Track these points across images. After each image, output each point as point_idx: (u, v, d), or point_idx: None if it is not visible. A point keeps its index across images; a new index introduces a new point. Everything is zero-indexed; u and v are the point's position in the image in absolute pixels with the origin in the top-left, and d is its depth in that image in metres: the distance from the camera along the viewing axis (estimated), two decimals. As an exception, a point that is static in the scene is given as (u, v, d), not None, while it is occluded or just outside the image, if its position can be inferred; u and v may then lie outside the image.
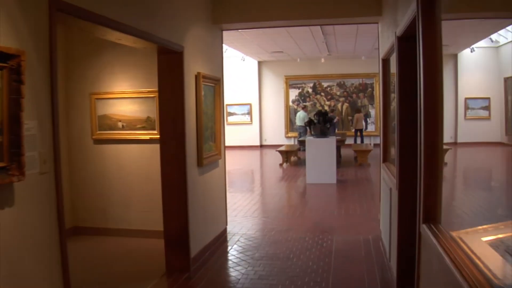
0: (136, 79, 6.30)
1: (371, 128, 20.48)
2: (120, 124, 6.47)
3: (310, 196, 9.52)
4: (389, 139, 5.64)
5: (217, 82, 5.96)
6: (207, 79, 5.54)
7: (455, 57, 19.70)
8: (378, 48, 6.05)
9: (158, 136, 5.17)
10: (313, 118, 11.66)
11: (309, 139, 10.90)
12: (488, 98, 18.09)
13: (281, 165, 14.37)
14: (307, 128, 18.78)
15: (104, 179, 6.53)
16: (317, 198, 9.13)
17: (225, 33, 6.75)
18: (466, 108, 19.40)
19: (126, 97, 6.38)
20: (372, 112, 20.81)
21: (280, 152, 14.48)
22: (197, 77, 5.25)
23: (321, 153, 10.67)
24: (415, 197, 4.10)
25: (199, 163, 5.33)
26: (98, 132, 6.52)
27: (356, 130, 19.63)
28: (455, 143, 19.21)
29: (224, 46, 17.61)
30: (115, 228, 6.49)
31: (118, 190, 6.47)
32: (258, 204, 8.68)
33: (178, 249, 5.13)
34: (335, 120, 19.68)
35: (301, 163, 15.04)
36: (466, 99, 19.42)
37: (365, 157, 13.88)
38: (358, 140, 19.63)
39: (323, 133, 10.96)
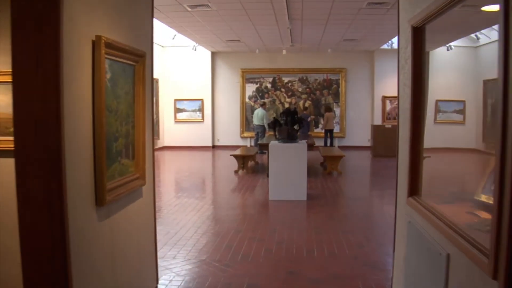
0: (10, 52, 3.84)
1: (335, 128, 18.53)
2: (-13, 124, 4.00)
3: (276, 221, 7.29)
4: (420, 157, 3.48)
5: (139, 59, 3.60)
6: (118, 52, 3.18)
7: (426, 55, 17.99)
8: (398, 13, 3.85)
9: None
10: (278, 118, 9.44)
11: (273, 144, 8.67)
12: (463, 101, 16.50)
13: (236, 172, 12.10)
14: (267, 128, 16.61)
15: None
16: (286, 225, 6.91)
17: (173, 14, 4.46)
18: (437, 111, 17.73)
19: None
20: (337, 111, 18.91)
21: (236, 157, 12.20)
22: (95, 44, 2.89)
23: (288, 162, 8.48)
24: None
25: (100, 199, 2.97)
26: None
27: (326, 131, 17.65)
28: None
29: (173, 32, 15.25)
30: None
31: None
32: (208, 235, 6.37)
33: None
34: (309, 119, 17.62)
35: (259, 169, 12.86)
36: (437, 101, 17.75)
37: (336, 164, 11.81)
38: (329, 142, 17.74)
39: (291, 137, 8.75)
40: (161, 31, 16.81)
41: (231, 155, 12.43)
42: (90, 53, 2.87)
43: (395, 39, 16.70)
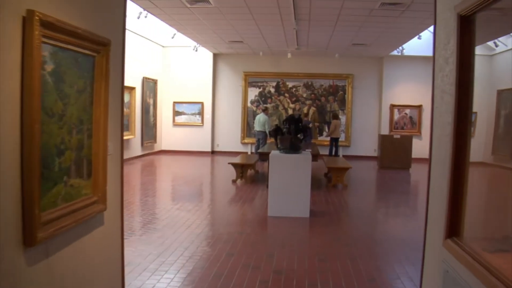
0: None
1: (340, 137, 17.71)
2: None
3: (274, 243, 6.41)
4: (465, 185, 2.66)
5: (102, 49, 2.79)
6: (67, 36, 2.37)
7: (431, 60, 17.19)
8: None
9: None
10: (280, 125, 8.62)
11: (274, 154, 7.85)
12: (475, 113, 15.65)
13: (234, 181, 11.29)
14: (268, 135, 15.71)
15: None
16: (286, 248, 6.05)
17: (171, 10, 3.84)
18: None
19: None
20: (343, 118, 18.09)
21: (234, 165, 11.38)
22: (26, 22, 2.08)
23: (290, 174, 7.66)
24: None
25: (28, 237, 2.16)
26: None
27: (332, 139, 16.84)
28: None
29: (172, 30, 14.46)
30: None
31: None
32: (195, 259, 5.53)
33: None
34: (310, 125, 16.77)
35: (259, 178, 12.06)
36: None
37: (342, 176, 10.97)
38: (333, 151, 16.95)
39: (294, 147, 7.92)
40: (161, 30, 16.07)
41: (229, 163, 11.61)
42: (19, 34, 2.07)
43: (406, 45, 15.89)
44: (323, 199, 9.44)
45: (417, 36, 14.14)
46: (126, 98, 14.77)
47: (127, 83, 14.71)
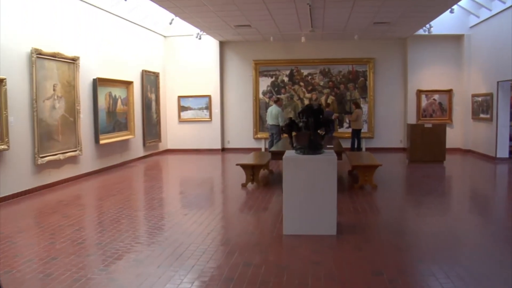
0: None
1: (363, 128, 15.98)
2: None
3: (292, 281, 4.59)
4: None
5: None
6: None
7: (460, 38, 15.36)
8: None
9: None
10: (295, 118, 6.94)
11: (289, 157, 6.18)
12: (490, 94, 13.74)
13: (244, 185, 9.69)
14: (281, 130, 13.91)
15: None
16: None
17: None
18: (473, 108, 15.12)
19: None
20: (365, 107, 16.38)
21: (243, 167, 9.76)
22: None
23: (310, 181, 6.01)
24: None
25: None
26: None
27: (354, 131, 15.14)
28: (466, 150, 14.90)
29: (170, 15, 12.83)
30: None
31: None
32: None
33: None
34: (333, 117, 15.06)
35: (274, 179, 10.48)
36: (473, 96, 15.14)
37: (370, 176, 9.27)
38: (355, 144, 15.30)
39: (313, 147, 6.24)
40: (161, 18, 14.55)
41: (237, 164, 10.00)
42: None
43: (433, 22, 14.06)
44: (351, 206, 7.78)
45: (449, 9, 12.33)
46: (123, 94, 13.22)
47: (121, 77, 13.24)
